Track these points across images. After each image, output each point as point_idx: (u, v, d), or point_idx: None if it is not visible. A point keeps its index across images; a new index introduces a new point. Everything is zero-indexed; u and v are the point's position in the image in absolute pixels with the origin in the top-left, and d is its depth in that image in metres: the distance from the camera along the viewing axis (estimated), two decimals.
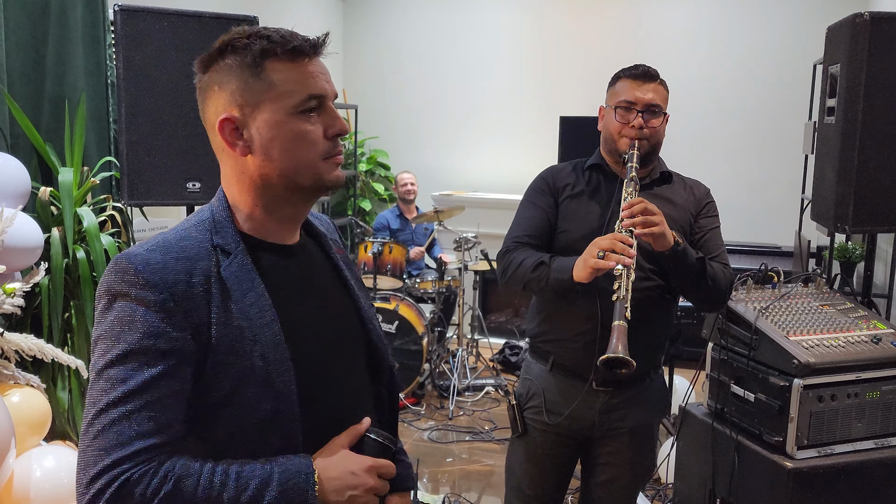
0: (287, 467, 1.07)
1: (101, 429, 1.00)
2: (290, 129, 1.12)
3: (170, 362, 1.04)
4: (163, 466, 1.01)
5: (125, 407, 1.00)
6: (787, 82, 5.46)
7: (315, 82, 1.14)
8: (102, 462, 0.99)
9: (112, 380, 1.02)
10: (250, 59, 1.12)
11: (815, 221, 2.80)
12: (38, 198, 2.62)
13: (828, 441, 2.21)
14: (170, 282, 1.06)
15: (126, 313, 1.04)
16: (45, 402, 2.33)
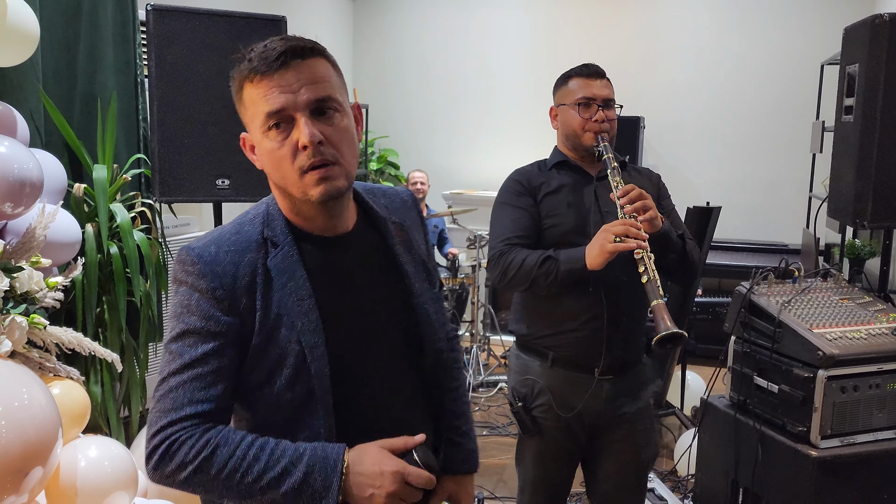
0: (318, 452, 1.15)
1: (162, 394, 1.16)
2: (264, 149, 1.20)
3: (219, 342, 1.17)
4: (207, 433, 1.14)
5: (181, 377, 1.15)
6: (795, 83, 5.53)
7: (269, 99, 1.15)
8: (160, 423, 1.14)
9: (173, 353, 1.18)
10: (236, 86, 1.22)
11: (832, 217, 2.85)
12: (72, 194, 2.66)
13: (850, 431, 2.26)
14: (219, 273, 1.18)
15: (186, 298, 1.19)
16: (84, 395, 2.37)
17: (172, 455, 1.12)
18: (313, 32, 1.24)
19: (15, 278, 2.05)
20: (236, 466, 1.12)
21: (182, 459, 1.12)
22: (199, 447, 1.12)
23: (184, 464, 1.12)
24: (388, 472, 1.17)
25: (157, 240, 2.93)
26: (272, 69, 1.15)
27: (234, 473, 1.12)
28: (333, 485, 1.13)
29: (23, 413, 1.94)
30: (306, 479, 1.13)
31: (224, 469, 1.12)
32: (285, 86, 1.15)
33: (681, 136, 5.84)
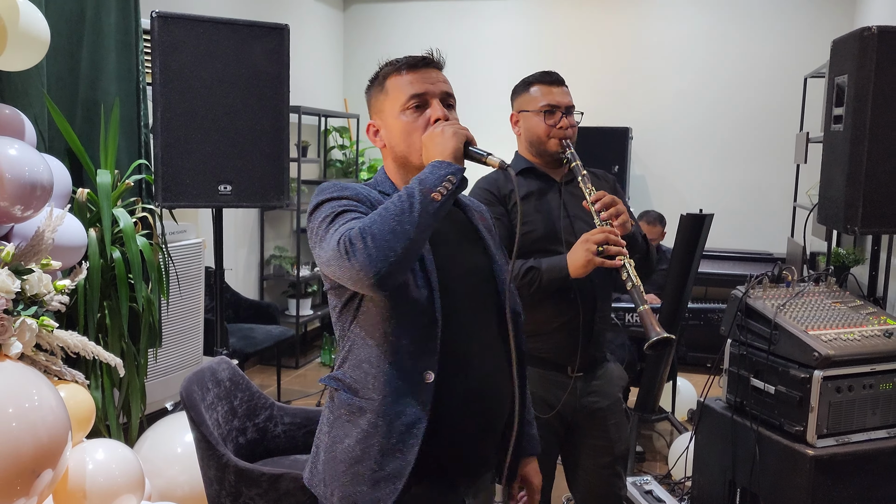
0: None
1: (334, 231, 1.34)
2: (398, 125, 1.48)
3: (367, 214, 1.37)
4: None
5: (349, 223, 1.34)
6: (779, 95, 5.65)
7: (416, 85, 1.48)
8: (339, 233, 1.32)
9: (339, 220, 1.36)
10: (379, 81, 1.54)
11: (822, 224, 2.94)
12: (76, 199, 2.67)
13: (845, 430, 2.33)
14: (359, 191, 1.44)
15: (334, 203, 1.40)
16: (89, 398, 2.37)
17: (352, 236, 1.29)
18: (304, 43, 1.40)
19: (25, 280, 2.05)
20: (391, 209, 1.31)
21: (356, 234, 1.29)
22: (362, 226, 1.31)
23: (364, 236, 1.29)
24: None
25: (159, 245, 2.94)
26: (419, 66, 1.50)
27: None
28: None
29: (34, 415, 1.94)
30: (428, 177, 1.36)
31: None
32: (426, 78, 1.49)
33: (668, 147, 5.94)
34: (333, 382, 1.49)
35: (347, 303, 1.46)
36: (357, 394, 1.43)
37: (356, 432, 1.41)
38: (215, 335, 3.23)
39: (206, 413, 2.19)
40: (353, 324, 1.46)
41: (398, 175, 1.51)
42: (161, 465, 2.68)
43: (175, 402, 3.50)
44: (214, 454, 2.10)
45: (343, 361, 1.48)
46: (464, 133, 1.41)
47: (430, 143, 1.40)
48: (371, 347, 1.42)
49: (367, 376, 1.42)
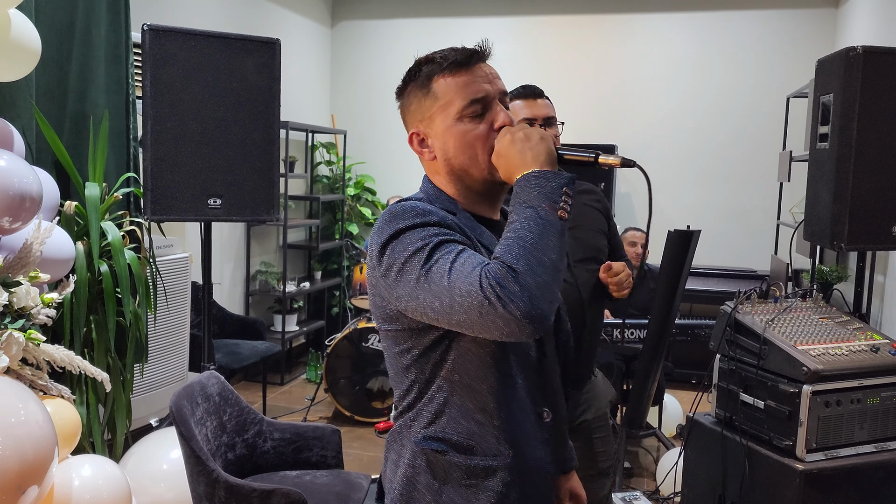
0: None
1: (455, 271, 1.10)
2: (457, 133, 1.27)
3: (465, 245, 1.17)
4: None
5: (462, 258, 1.12)
6: (761, 114, 5.74)
7: (474, 87, 1.27)
8: (473, 276, 1.08)
9: (439, 261, 1.13)
10: (421, 83, 1.31)
11: (808, 241, 2.97)
12: (63, 212, 2.64)
13: (834, 445, 2.34)
14: (436, 213, 1.21)
15: (420, 231, 1.17)
16: (75, 414, 2.33)
17: (499, 276, 1.07)
18: (292, 59, 1.31)
19: (13, 293, 2.03)
20: (532, 233, 1.11)
21: (503, 273, 1.07)
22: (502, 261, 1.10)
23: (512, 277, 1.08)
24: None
25: (147, 259, 2.91)
26: (472, 62, 1.29)
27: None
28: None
29: (20, 430, 1.91)
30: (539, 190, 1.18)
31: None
32: (483, 77, 1.28)
33: (654, 165, 5.99)
34: (435, 444, 1.24)
35: (433, 346, 1.23)
36: (473, 452, 1.23)
37: (485, 497, 1.22)
38: (202, 350, 3.20)
39: (195, 428, 2.16)
40: (443, 369, 1.23)
41: (454, 189, 1.32)
42: (146, 483, 2.64)
43: (160, 418, 3.45)
44: (204, 470, 2.07)
45: (436, 416, 1.24)
46: (549, 135, 1.24)
47: (511, 153, 1.21)
48: (482, 394, 1.22)
49: (486, 429, 1.23)
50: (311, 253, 6.27)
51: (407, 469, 1.27)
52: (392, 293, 1.18)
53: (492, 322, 1.06)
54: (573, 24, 6.12)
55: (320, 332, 6.07)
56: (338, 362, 4.56)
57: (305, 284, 5.80)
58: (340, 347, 4.56)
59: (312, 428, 2.58)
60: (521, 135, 1.21)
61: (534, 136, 1.20)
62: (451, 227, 1.20)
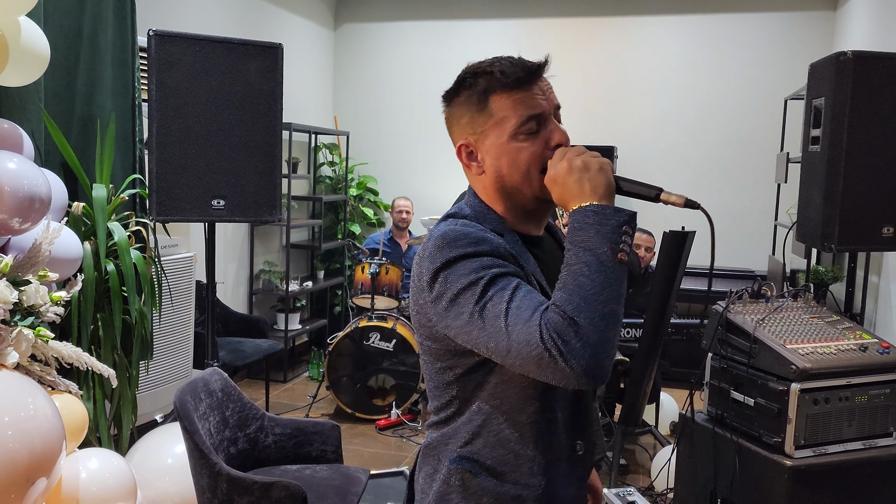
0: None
1: (512, 315, 1.09)
2: (510, 150, 1.24)
3: (518, 276, 1.16)
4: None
5: (517, 298, 1.10)
6: (759, 115, 5.79)
7: (530, 103, 1.24)
8: (533, 325, 1.06)
9: (496, 290, 1.12)
10: (476, 97, 1.27)
11: (800, 242, 3.02)
12: (71, 212, 2.71)
13: (822, 441, 2.40)
14: (488, 240, 1.18)
15: (472, 262, 1.15)
16: (82, 409, 2.40)
17: (558, 327, 1.05)
18: (295, 60, 1.33)
19: (23, 291, 2.09)
20: (592, 284, 1.08)
21: (562, 324, 1.05)
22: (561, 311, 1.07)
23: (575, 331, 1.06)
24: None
25: (152, 258, 2.98)
26: (532, 80, 1.25)
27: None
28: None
29: (30, 424, 1.97)
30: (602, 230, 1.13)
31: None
32: (540, 94, 1.25)
33: (652, 166, 6.05)
34: (469, 465, 1.24)
35: (475, 368, 1.22)
36: (505, 478, 1.23)
37: None
38: (206, 348, 3.26)
39: (198, 423, 2.22)
40: (482, 393, 1.23)
41: (502, 206, 1.28)
42: (151, 477, 2.71)
43: (165, 414, 3.52)
44: (207, 463, 2.14)
45: (473, 438, 1.24)
46: (608, 164, 1.19)
47: (569, 181, 1.16)
48: (521, 424, 1.22)
49: (520, 458, 1.23)
50: (313, 252, 6.33)
51: (441, 485, 1.27)
52: (442, 322, 1.17)
53: (550, 374, 1.06)
54: (572, 27, 6.18)
55: (322, 331, 6.14)
56: (339, 360, 4.62)
57: (308, 283, 5.87)
58: (342, 346, 4.62)
59: (312, 423, 2.64)
60: (580, 163, 1.16)
61: (593, 165, 1.16)
62: (505, 256, 1.18)
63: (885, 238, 2.75)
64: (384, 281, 4.81)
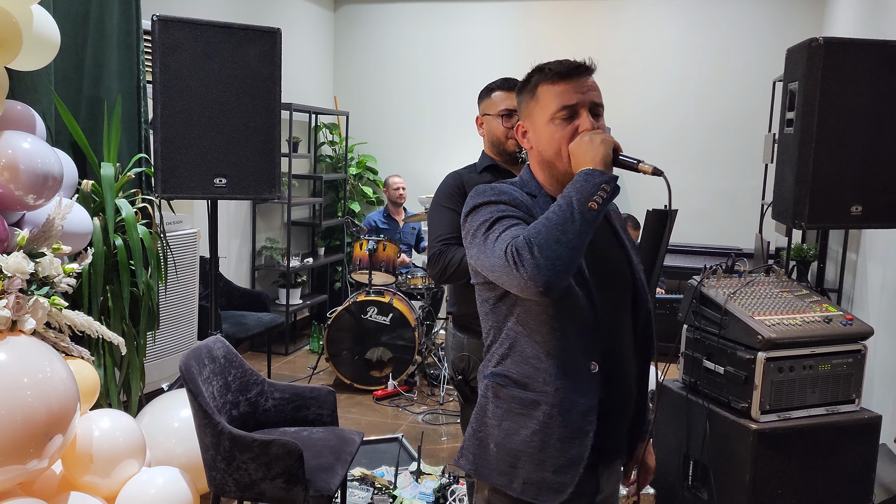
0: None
1: (500, 240, 1.41)
2: (548, 131, 1.54)
3: (524, 221, 1.46)
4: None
5: (509, 230, 1.43)
6: (749, 98, 5.89)
7: (567, 95, 1.52)
8: (505, 244, 1.39)
9: (499, 226, 1.44)
10: (530, 88, 1.58)
11: (775, 220, 3.16)
12: (81, 190, 2.86)
13: (786, 407, 2.56)
14: (512, 194, 1.52)
15: (491, 208, 1.49)
16: (94, 373, 2.57)
17: (518, 245, 1.35)
18: (296, 41, 1.49)
19: (38, 263, 2.25)
20: (553, 220, 1.37)
21: (523, 244, 1.35)
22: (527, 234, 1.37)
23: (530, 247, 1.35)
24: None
25: (158, 234, 3.13)
26: (571, 75, 1.52)
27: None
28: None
29: (47, 384, 2.14)
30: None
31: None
32: (577, 88, 1.52)
33: (645, 146, 6.16)
34: (500, 380, 1.54)
35: (503, 298, 1.52)
36: (527, 388, 1.50)
37: (532, 424, 1.48)
38: (209, 320, 3.42)
39: (202, 386, 2.39)
40: (511, 320, 1.51)
41: (544, 176, 1.58)
42: (159, 438, 2.88)
43: (171, 382, 3.70)
44: (211, 422, 2.30)
45: (504, 357, 1.53)
46: (611, 140, 1.45)
47: (579, 151, 1.45)
48: (538, 344, 1.48)
49: (538, 371, 1.49)
50: (314, 230, 6.49)
51: (481, 398, 1.59)
52: (469, 252, 1.50)
53: (512, 281, 1.37)
54: (565, 10, 6.27)
55: (323, 306, 6.31)
56: (339, 334, 4.79)
57: (309, 260, 6.03)
58: (341, 320, 4.79)
59: (310, 389, 2.81)
60: (588, 138, 1.46)
61: (596, 139, 1.45)
62: (519, 205, 1.49)
63: (854, 216, 2.88)
64: (381, 257, 4.97)
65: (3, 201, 2.26)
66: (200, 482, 2.63)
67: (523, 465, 1.49)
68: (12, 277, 2.16)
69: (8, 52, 2.19)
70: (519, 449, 1.50)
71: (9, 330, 2.18)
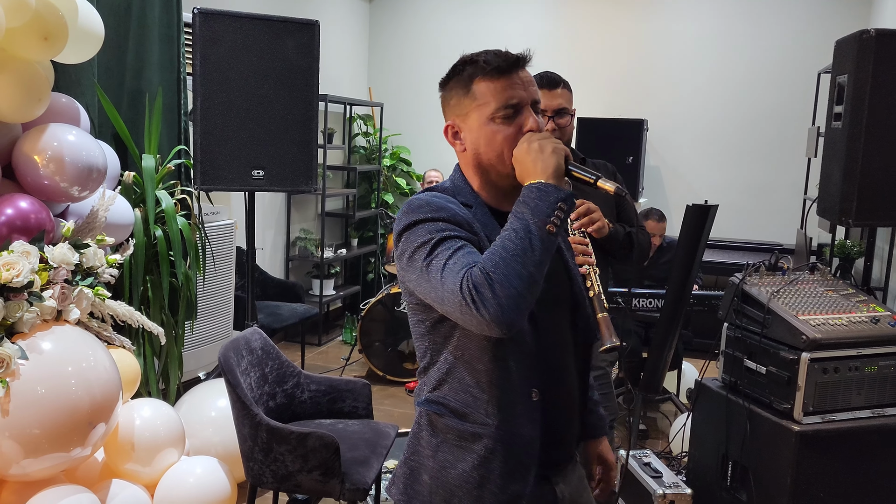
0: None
1: (447, 269, 1.25)
2: (488, 132, 1.39)
3: (468, 241, 1.32)
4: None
5: (456, 256, 1.26)
6: (791, 90, 5.76)
7: (510, 93, 1.38)
8: (458, 277, 1.23)
9: (438, 256, 1.27)
10: (463, 82, 1.42)
11: (820, 216, 3.09)
12: (123, 181, 2.90)
13: (830, 409, 2.49)
14: (450, 209, 1.34)
15: (430, 226, 1.31)
16: (135, 363, 2.60)
17: (476, 279, 1.21)
18: (331, 33, 1.44)
19: (83, 254, 2.28)
20: (512, 248, 1.23)
21: (481, 279, 1.21)
22: (484, 267, 1.22)
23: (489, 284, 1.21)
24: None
25: (196, 225, 3.16)
26: (512, 70, 1.39)
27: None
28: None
29: (90, 373, 2.18)
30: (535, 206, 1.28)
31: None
32: (520, 84, 1.39)
33: (683, 139, 6.07)
34: (436, 408, 1.42)
35: (441, 321, 1.38)
36: (466, 419, 1.39)
37: (471, 458, 1.38)
38: (246, 310, 3.46)
39: (240, 377, 2.41)
40: (450, 344, 1.39)
41: (479, 181, 1.45)
42: (197, 427, 2.92)
43: (208, 371, 3.75)
44: (248, 414, 2.32)
45: (440, 383, 1.41)
46: (562, 149, 1.33)
47: (528, 159, 1.32)
48: (478, 372, 1.37)
49: (478, 401, 1.38)
50: (347, 221, 6.51)
51: (415, 425, 1.48)
52: (405, 275, 1.35)
53: (469, 319, 1.23)
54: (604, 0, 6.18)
55: (356, 297, 6.34)
56: (372, 325, 4.81)
57: (342, 251, 6.05)
58: (374, 311, 4.80)
59: (345, 381, 2.82)
60: (537, 145, 1.32)
61: (547, 148, 1.31)
62: (461, 223, 1.34)
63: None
64: None
65: (48, 193, 2.30)
66: (237, 471, 2.66)
67: (459, 501, 1.39)
68: (58, 268, 2.19)
69: (54, 45, 2.22)
70: (455, 484, 1.39)
71: (54, 319, 2.22)
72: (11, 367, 2.02)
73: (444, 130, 1.47)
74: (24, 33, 2.13)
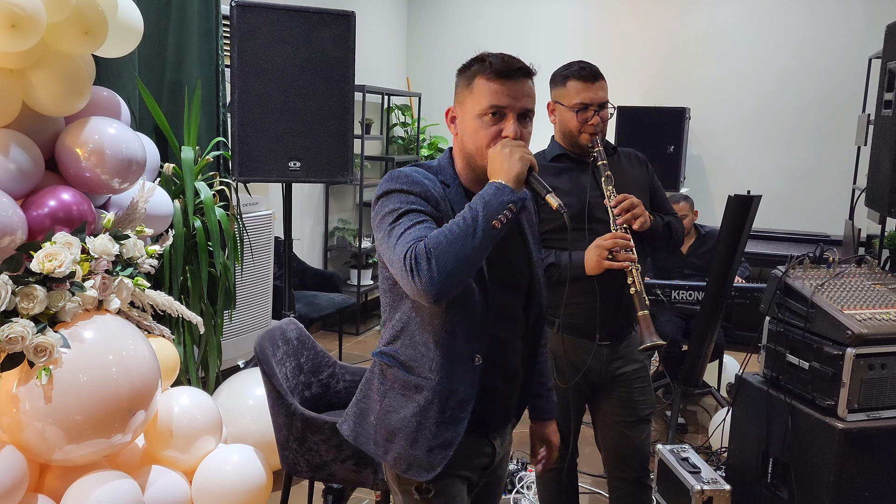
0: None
1: (402, 238, 1.42)
2: (473, 126, 1.55)
3: (432, 218, 1.49)
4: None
5: (413, 228, 1.44)
6: (841, 75, 5.57)
7: (500, 97, 1.52)
8: (406, 246, 1.40)
9: (405, 220, 1.45)
10: (468, 76, 1.57)
11: (868, 207, 2.99)
12: (162, 173, 2.94)
13: (876, 406, 2.41)
14: (423, 184, 1.52)
15: (402, 196, 1.50)
16: (174, 351, 2.65)
17: (418, 252, 1.37)
18: (369, 23, 1.49)
19: (123, 245, 2.33)
20: (455, 231, 1.39)
21: (423, 252, 1.38)
22: (428, 243, 1.39)
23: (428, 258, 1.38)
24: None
25: (235, 216, 3.20)
26: (510, 76, 1.52)
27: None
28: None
29: (130, 362, 2.23)
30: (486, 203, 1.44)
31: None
32: (512, 91, 1.52)
33: (725, 127, 5.93)
34: (387, 359, 1.61)
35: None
36: (412, 371, 1.57)
37: (412, 406, 1.56)
38: (283, 300, 3.49)
39: (276, 367, 2.43)
40: (406, 303, 1.57)
41: (462, 164, 1.60)
42: (235, 415, 2.97)
43: (246, 360, 3.80)
44: (284, 403, 2.35)
45: (394, 339, 1.61)
46: (529, 159, 1.47)
47: (497, 160, 1.47)
48: (428, 332, 1.54)
49: (424, 358, 1.55)
50: None
51: (368, 372, 1.69)
52: (376, 236, 1.51)
53: (406, 284, 1.40)
54: None
55: None
56: None
57: None
58: None
59: None
60: (508, 150, 1.47)
61: (515, 154, 1.46)
62: (429, 199, 1.50)
63: None
64: None
65: (90, 185, 2.35)
66: (273, 460, 2.69)
67: (398, 441, 1.58)
68: (99, 259, 2.24)
69: (95, 39, 2.26)
70: (396, 426, 1.58)
71: (95, 309, 2.27)
72: (54, 356, 2.07)
73: (444, 112, 1.63)
74: (65, 28, 2.17)
